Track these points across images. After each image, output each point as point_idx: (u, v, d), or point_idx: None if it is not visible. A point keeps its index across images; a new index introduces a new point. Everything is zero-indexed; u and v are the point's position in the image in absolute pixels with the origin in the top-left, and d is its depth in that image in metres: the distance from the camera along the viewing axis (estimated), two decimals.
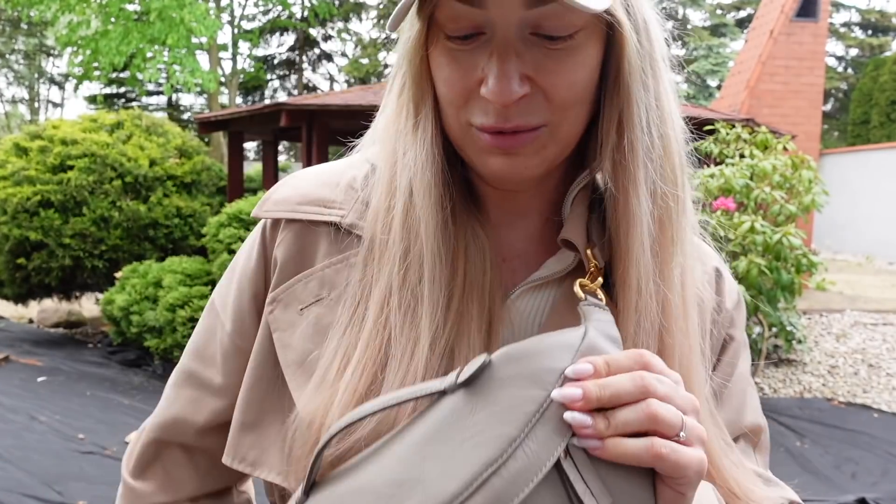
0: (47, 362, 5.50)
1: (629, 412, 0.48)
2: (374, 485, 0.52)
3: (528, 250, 0.68)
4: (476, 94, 0.59)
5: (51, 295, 6.56)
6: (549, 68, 0.57)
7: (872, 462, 3.87)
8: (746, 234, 4.57)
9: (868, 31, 25.96)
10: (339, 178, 0.69)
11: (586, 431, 0.48)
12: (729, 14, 25.27)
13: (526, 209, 0.68)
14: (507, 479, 0.47)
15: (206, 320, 0.75)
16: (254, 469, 0.66)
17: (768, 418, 4.25)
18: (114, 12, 11.27)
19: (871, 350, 6.10)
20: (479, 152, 0.61)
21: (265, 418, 0.67)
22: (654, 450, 0.48)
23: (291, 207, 0.68)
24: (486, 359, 0.51)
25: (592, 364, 0.49)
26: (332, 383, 0.60)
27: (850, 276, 10.35)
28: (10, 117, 28.06)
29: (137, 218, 6.12)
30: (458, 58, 0.59)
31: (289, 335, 0.65)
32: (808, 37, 8.81)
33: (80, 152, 6.14)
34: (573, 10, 0.55)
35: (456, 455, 0.49)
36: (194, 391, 0.73)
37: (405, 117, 0.64)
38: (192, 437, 0.73)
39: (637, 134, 0.61)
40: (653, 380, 0.49)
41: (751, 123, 6.07)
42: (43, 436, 3.88)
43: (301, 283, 0.66)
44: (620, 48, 0.59)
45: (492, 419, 0.49)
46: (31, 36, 25.92)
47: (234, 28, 16.22)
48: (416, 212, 0.62)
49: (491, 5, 0.56)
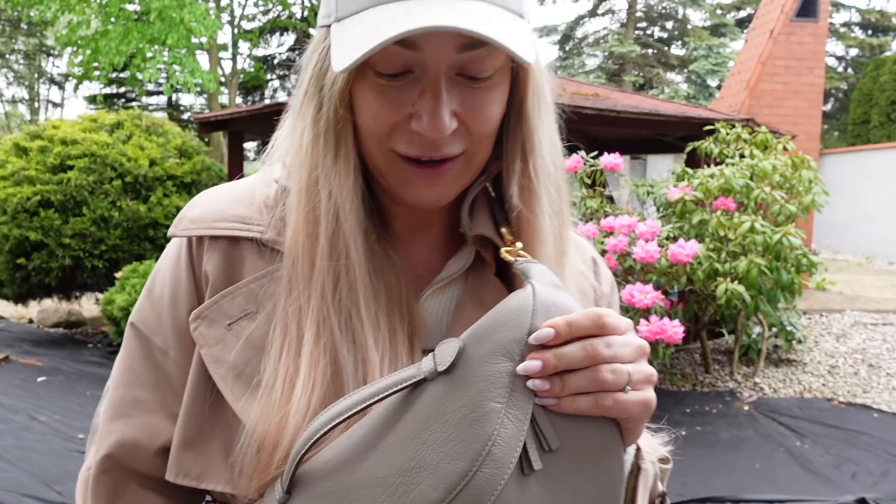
0: (47, 362, 5.50)
1: (580, 378, 0.58)
2: (377, 476, 0.56)
3: (432, 258, 0.75)
4: (402, 127, 0.64)
5: (51, 295, 6.56)
6: (472, 105, 0.64)
7: (872, 462, 3.87)
8: (746, 234, 4.57)
9: (868, 31, 25.95)
10: (250, 196, 0.72)
11: (545, 393, 0.57)
12: (729, 14, 25.26)
13: (428, 223, 0.75)
14: (503, 446, 0.54)
15: (133, 345, 0.74)
16: (199, 482, 0.67)
17: (768, 418, 4.21)
18: (114, 12, 11.27)
19: (872, 350, 6.10)
20: (401, 181, 0.67)
21: (206, 432, 0.68)
22: (600, 403, 0.58)
23: (210, 225, 0.71)
24: (460, 344, 0.57)
25: (554, 328, 0.57)
26: (282, 404, 0.63)
27: (850, 276, 10.35)
28: (10, 117, 28.05)
29: (137, 218, 6.12)
30: (387, 93, 0.63)
31: (218, 350, 0.67)
32: (808, 37, 8.81)
33: (80, 152, 6.14)
34: (494, 55, 0.63)
35: (454, 435, 0.55)
36: (144, 417, 0.72)
37: (323, 146, 0.67)
38: (149, 463, 0.72)
39: (539, 162, 0.71)
40: (601, 347, 0.58)
41: (751, 123, 6.06)
42: (43, 436, 3.88)
43: (227, 298, 0.68)
44: (525, 86, 0.69)
45: (477, 396, 0.55)
46: (30, 36, 25.91)
47: (234, 28, 16.23)
48: (345, 238, 0.66)
49: (426, 49, 0.61)
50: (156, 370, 0.72)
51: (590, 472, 0.59)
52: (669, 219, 5.18)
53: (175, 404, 0.71)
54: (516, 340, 0.57)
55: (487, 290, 0.73)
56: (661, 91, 23.75)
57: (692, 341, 5.77)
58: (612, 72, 23.89)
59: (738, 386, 5.24)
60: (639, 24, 25.25)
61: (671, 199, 5.00)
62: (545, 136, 0.71)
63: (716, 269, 4.54)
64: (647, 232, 4.40)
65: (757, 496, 3.41)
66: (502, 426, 0.55)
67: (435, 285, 0.73)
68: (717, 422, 4.50)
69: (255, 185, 0.74)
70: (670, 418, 4.30)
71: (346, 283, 0.66)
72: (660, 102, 7.18)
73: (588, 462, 0.59)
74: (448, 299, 0.73)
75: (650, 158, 17.25)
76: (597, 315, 0.58)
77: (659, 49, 24.91)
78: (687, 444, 4.15)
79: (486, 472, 0.54)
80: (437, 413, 0.56)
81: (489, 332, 0.58)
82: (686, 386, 5.23)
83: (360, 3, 0.63)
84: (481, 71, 0.64)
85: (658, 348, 4.25)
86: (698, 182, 4.91)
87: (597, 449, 0.59)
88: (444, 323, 0.72)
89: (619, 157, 4.86)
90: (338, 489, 0.58)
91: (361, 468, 0.57)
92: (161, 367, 0.72)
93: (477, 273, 0.73)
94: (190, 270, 0.72)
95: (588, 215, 4.97)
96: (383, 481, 0.56)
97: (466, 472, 0.54)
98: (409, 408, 0.58)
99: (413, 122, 0.63)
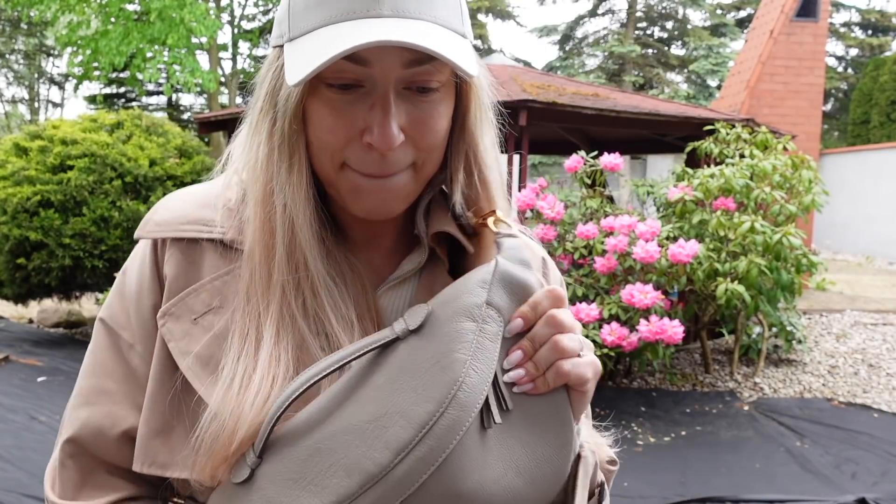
0: (47, 362, 5.50)
1: (545, 352, 0.65)
2: (352, 425, 0.61)
3: (387, 262, 0.80)
4: (355, 142, 0.69)
5: (51, 295, 6.55)
6: (419, 118, 0.69)
7: (872, 462, 3.87)
8: (746, 234, 4.57)
9: (868, 31, 25.94)
10: (213, 200, 0.77)
11: (522, 380, 0.65)
12: (729, 14, 25.26)
13: (381, 230, 0.80)
14: (468, 391, 0.61)
15: (101, 339, 0.78)
16: (164, 470, 0.70)
17: (768, 418, 4.20)
18: (114, 12, 11.27)
19: (872, 350, 6.10)
20: (352, 193, 0.71)
21: (170, 423, 0.71)
22: (561, 370, 0.65)
23: (174, 227, 0.75)
24: (429, 308, 0.65)
25: (522, 317, 0.66)
26: (237, 395, 0.66)
27: (850, 276, 10.35)
28: (10, 117, 28.05)
29: (137, 218, 6.11)
30: (340, 108, 0.68)
31: (185, 343, 0.71)
32: (808, 37, 8.81)
33: (79, 152, 6.14)
34: (440, 70, 0.68)
35: (423, 383, 0.61)
36: (109, 406, 0.75)
37: (277, 159, 0.71)
38: (112, 450, 0.75)
39: (485, 171, 0.76)
40: (562, 318, 0.66)
41: (751, 123, 6.06)
42: (43, 436, 3.88)
43: (192, 295, 0.73)
44: (468, 100, 0.74)
45: (444, 348, 0.62)
46: (30, 36, 25.90)
47: (234, 28, 16.21)
48: (301, 248, 0.70)
49: (375, 64, 0.66)
50: (122, 363, 0.76)
51: (543, 433, 0.66)
52: (669, 219, 5.18)
53: (139, 395, 0.74)
54: (477, 305, 0.64)
55: (441, 286, 0.76)
56: (661, 91, 23.75)
57: (692, 341, 5.77)
58: (612, 72, 23.89)
59: (738, 386, 5.24)
60: (639, 24, 25.25)
61: (671, 199, 5.00)
62: (488, 147, 0.77)
63: (716, 269, 4.54)
64: (647, 232, 4.40)
65: (757, 496, 3.41)
66: (467, 375, 0.61)
67: (389, 283, 0.78)
68: (717, 422, 4.50)
69: (217, 190, 0.78)
70: (670, 418, 4.32)
71: (308, 290, 0.70)
72: (660, 102, 7.18)
73: (541, 424, 0.66)
74: (402, 296, 0.78)
75: (650, 158, 17.26)
76: (552, 291, 0.67)
77: (659, 49, 24.91)
78: (687, 444, 4.15)
79: (451, 414, 0.60)
80: (409, 365, 0.62)
81: (454, 298, 0.65)
82: (686, 386, 5.23)
83: (312, 23, 0.67)
84: (428, 84, 0.68)
85: (658, 348, 4.25)
86: (698, 182, 4.91)
87: (550, 413, 0.66)
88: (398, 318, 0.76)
89: (619, 157, 4.86)
90: (312, 443, 0.62)
91: (335, 421, 0.62)
92: (127, 360, 0.76)
93: (430, 272, 0.78)
94: (154, 270, 0.76)
95: (588, 215, 4.96)
96: (357, 428, 0.61)
97: (434, 413, 0.59)
98: (382, 364, 0.64)
99: (365, 135, 0.68)
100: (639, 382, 5.30)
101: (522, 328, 0.66)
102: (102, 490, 0.75)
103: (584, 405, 0.69)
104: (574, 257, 4.70)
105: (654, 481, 3.56)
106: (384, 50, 0.66)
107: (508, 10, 25.96)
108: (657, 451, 4.04)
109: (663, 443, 4.18)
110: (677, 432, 4.33)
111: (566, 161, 5.10)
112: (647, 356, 4.47)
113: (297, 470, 0.62)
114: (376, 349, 0.64)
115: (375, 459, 0.59)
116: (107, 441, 0.74)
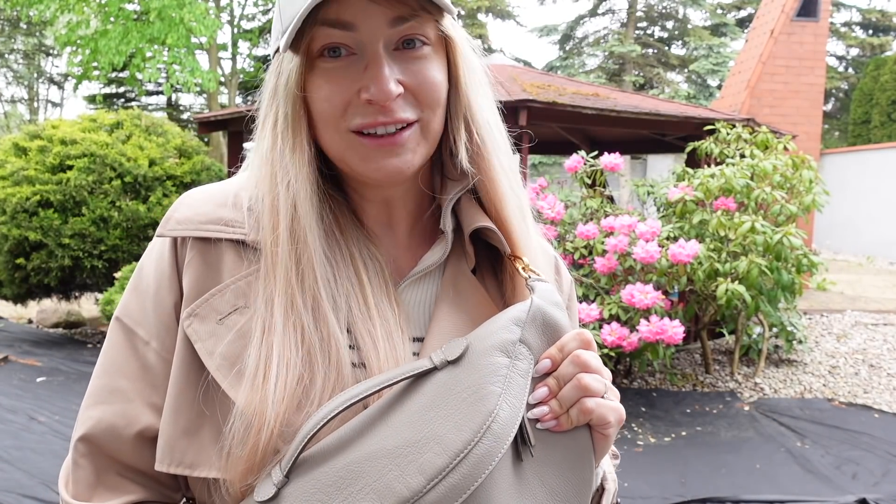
0: (46, 363, 5.49)
1: (568, 390, 0.67)
2: (385, 449, 0.62)
3: (401, 254, 0.81)
4: (354, 103, 0.71)
5: (50, 295, 6.55)
6: (414, 71, 0.72)
7: (873, 462, 3.86)
8: (747, 235, 4.56)
9: (869, 30, 25.93)
10: (234, 199, 0.78)
11: (546, 418, 0.67)
12: (729, 14, 25.25)
13: (396, 221, 0.82)
14: (502, 424, 0.62)
15: (116, 336, 0.78)
16: (192, 470, 0.70)
17: (769, 418, 4.19)
18: (113, 12, 11.26)
19: (872, 350, 6.09)
20: (363, 159, 0.73)
21: (197, 422, 0.71)
22: (584, 407, 0.67)
23: (196, 226, 0.76)
24: (466, 342, 0.67)
25: (550, 358, 0.68)
26: (261, 387, 0.67)
27: (851, 276, 10.34)
28: (10, 117, 28.04)
29: (137, 218, 6.11)
30: (335, 75, 0.71)
31: (212, 343, 0.71)
32: (808, 36, 8.80)
33: (79, 152, 6.13)
34: (425, 25, 0.72)
35: (459, 412, 0.62)
36: (123, 405, 0.74)
37: (281, 143, 0.74)
38: (127, 450, 0.74)
39: (484, 129, 0.78)
40: (587, 358, 0.68)
41: (751, 123, 6.06)
42: (42, 436, 3.87)
43: (216, 296, 0.73)
44: (455, 59, 0.76)
45: (480, 381, 0.64)
46: (30, 35, 25.90)
47: (233, 28, 16.20)
48: (301, 223, 0.72)
49: (362, 27, 0.70)
50: (137, 360, 0.75)
51: (563, 472, 0.68)
52: (670, 219, 5.18)
53: (153, 394, 0.74)
54: (511, 342, 0.67)
55: (464, 282, 0.79)
56: (661, 91, 23.73)
57: (692, 341, 5.77)
58: (612, 72, 23.88)
59: (739, 386, 5.23)
60: (639, 23, 25.24)
61: (671, 200, 4.99)
62: (485, 108, 0.79)
63: (716, 269, 4.53)
64: (647, 232, 4.39)
65: (757, 497, 3.40)
66: (500, 408, 0.63)
67: (411, 277, 0.79)
68: (718, 422, 4.50)
69: (238, 189, 0.79)
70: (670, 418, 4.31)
71: (308, 266, 0.72)
72: (660, 102, 7.17)
73: (562, 463, 0.68)
74: (425, 290, 0.79)
75: (650, 158, 17.25)
76: (581, 334, 0.69)
77: (659, 49, 24.90)
78: (687, 445, 4.14)
79: (486, 444, 0.61)
80: (445, 394, 0.64)
81: (490, 334, 0.67)
82: (686, 386, 5.22)
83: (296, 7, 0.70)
84: (415, 37, 0.72)
85: (658, 348, 4.24)
86: (698, 182, 4.90)
87: (572, 451, 0.68)
88: (426, 311, 0.78)
89: (619, 157, 4.85)
90: (344, 465, 0.62)
91: (368, 443, 0.63)
92: (143, 357, 0.75)
93: (453, 267, 0.80)
94: (174, 267, 0.76)
95: (588, 215, 4.96)
96: (391, 452, 0.61)
97: (469, 442, 0.61)
98: (417, 391, 0.65)
99: (363, 93, 0.70)
100: (639, 383, 5.29)
101: (549, 369, 0.68)
102: (115, 491, 0.74)
103: (606, 448, 0.70)
104: (574, 257, 4.70)
105: (654, 482, 3.55)
106: (367, 12, 0.69)
107: (508, 9, 25.94)
108: (657, 452, 4.03)
109: (664, 443, 4.17)
110: (678, 432, 4.33)
111: (566, 161, 5.10)
112: (648, 356, 4.46)
113: (328, 491, 0.62)
114: (413, 377, 0.66)
115: (408, 484, 0.60)
116: (121, 441, 0.73)
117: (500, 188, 0.79)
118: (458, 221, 0.81)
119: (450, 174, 0.81)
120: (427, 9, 0.71)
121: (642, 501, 3.32)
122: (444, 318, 0.76)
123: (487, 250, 0.83)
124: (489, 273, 0.83)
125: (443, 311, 0.76)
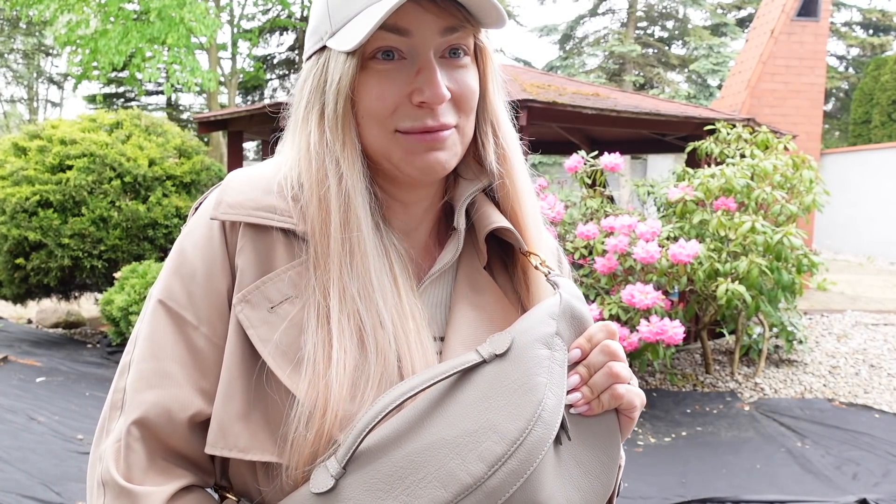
0: (46, 363, 5.49)
1: (600, 377, 0.74)
2: (444, 439, 0.66)
3: (420, 254, 0.85)
4: (404, 105, 0.75)
5: (49, 295, 6.55)
6: (457, 78, 0.77)
7: (874, 463, 3.86)
8: (747, 235, 4.56)
9: (869, 30, 25.91)
10: (279, 188, 0.79)
11: (579, 403, 0.74)
12: (730, 13, 25.23)
13: (419, 222, 0.85)
14: (549, 411, 0.68)
15: (160, 320, 0.76)
16: (245, 454, 0.72)
17: (769, 419, 4.18)
18: (113, 11, 11.25)
19: (873, 350, 6.09)
20: (406, 155, 0.77)
21: (248, 407, 0.72)
22: (615, 392, 0.74)
23: (248, 212, 0.77)
24: (511, 336, 0.72)
25: (580, 348, 0.75)
26: (323, 376, 0.70)
27: (851, 276, 10.34)
28: (9, 117, 28.03)
29: (136, 218, 6.10)
30: (388, 76, 0.75)
31: (265, 331, 0.73)
32: (809, 36, 8.79)
33: (79, 152, 6.13)
34: (469, 36, 0.77)
35: (511, 402, 0.67)
36: (174, 389, 0.74)
37: (330, 139, 0.76)
38: (180, 434, 0.74)
39: (507, 131, 0.84)
40: (615, 348, 0.75)
41: (751, 123, 6.05)
42: (42, 436, 3.87)
43: (268, 284, 0.75)
44: (486, 70, 0.82)
45: (527, 373, 0.69)
46: (29, 35, 25.88)
47: (233, 27, 16.18)
48: (356, 212, 0.75)
49: (415, 33, 0.74)
50: (185, 344, 0.75)
51: (595, 452, 0.74)
52: (670, 219, 5.17)
53: (201, 379, 0.75)
54: (550, 335, 0.72)
55: (479, 279, 0.83)
56: (661, 91, 23.73)
57: (693, 341, 5.76)
58: (612, 71, 23.87)
59: (739, 386, 5.23)
60: (639, 23, 25.23)
61: (671, 200, 4.98)
62: (505, 114, 0.85)
63: (716, 269, 4.53)
64: (647, 232, 4.39)
65: (758, 497, 3.40)
66: (547, 397, 0.68)
67: (431, 276, 0.82)
68: (718, 422, 4.49)
69: (276, 176, 0.80)
70: (671, 418, 4.31)
71: (359, 253, 0.75)
72: (660, 102, 7.16)
73: (594, 444, 0.74)
74: (444, 287, 0.83)
75: (650, 158, 17.24)
76: (606, 325, 0.75)
77: (659, 49, 24.88)
78: (687, 445, 4.14)
79: (538, 431, 0.66)
80: (496, 385, 0.68)
81: (530, 328, 0.72)
82: (687, 386, 5.22)
83: (354, 9, 0.74)
84: (459, 47, 0.77)
85: (658, 348, 4.24)
86: (699, 182, 4.90)
87: (602, 433, 0.75)
88: (444, 308, 0.82)
89: (619, 157, 4.84)
90: (404, 455, 0.66)
91: (426, 434, 0.66)
92: (192, 341, 0.75)
93: (466, 265, 0.84)
94: (224, 251, 0.77)
95: (588, 215, 4.95)
96: (451, 442, 0.65)
97: (524, 430, 0.66)
98: (468, 383, 0.69)
99: (414, 95, 0.75)
100: (639, 383, 5.28)
101: (579, 358, 0.74)
102: (166, 475, 0.73)
103: (629, 430, 0.78)
104: (574, 257, 4.69)
105: (654, 482, 3.55)
106: (422, 19, 0.74)
107: (508, 9, 25.92)
108: (658, 452, 4.03)
109: (664, 443, 4.17)
110: (678, 433, 4.32)
111: (566, 161, 5.09)
112: (648, 356, 4.45)
113: (388, 480, 0.65)
114: (466, 370, 0.70)
115: (470, 471, 0.64)
116: (175, 426, 0.73)
117: (520, 187, 0.84)
118: (470, 220, 0.85)
119: (464, 174, 0.85)
120: (471, 21, 0.76)
121: (642, 501, 3.31)
122: (463, 317, 0.79)
123: (497, 246, 0.87)
124: (500, 268, 0.87)
125: (462, 309, 0.80)
